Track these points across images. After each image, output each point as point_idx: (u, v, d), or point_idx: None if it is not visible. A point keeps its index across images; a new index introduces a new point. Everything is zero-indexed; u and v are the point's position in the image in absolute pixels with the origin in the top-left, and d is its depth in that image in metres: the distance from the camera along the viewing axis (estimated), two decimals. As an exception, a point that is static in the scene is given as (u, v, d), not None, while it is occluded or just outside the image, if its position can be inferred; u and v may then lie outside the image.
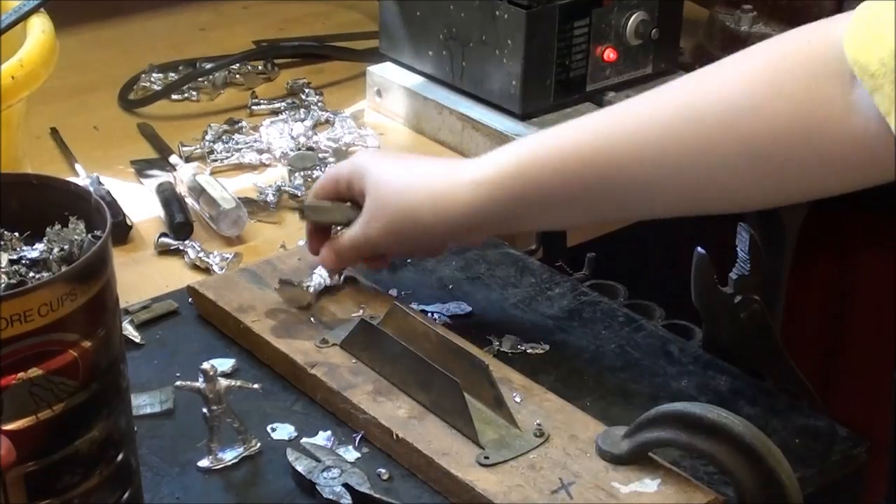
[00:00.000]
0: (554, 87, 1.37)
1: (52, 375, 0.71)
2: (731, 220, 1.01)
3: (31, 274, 0.74)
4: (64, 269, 0.74)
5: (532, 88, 1.36)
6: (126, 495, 0.79)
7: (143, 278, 1.15)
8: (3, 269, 0.73)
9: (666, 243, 1.42)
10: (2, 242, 0.76)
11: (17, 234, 0.77)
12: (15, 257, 0.74)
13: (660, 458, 0.87)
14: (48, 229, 0.77)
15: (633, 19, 1.39)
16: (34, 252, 0.75)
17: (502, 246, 1.17)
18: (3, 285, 0.72)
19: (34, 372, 0.70)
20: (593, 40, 1.38)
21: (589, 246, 1.26)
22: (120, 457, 0.78)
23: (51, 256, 0.75)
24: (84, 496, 0.76)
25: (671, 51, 1.46)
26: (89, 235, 0.76)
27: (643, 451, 0.86)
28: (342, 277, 1.06)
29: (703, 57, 1.54)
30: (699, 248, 1.01)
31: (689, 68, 1.49)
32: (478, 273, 1.13)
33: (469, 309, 1.07)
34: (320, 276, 1.04)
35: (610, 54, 1.40)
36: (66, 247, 0.76)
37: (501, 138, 1.35)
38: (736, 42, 1.51)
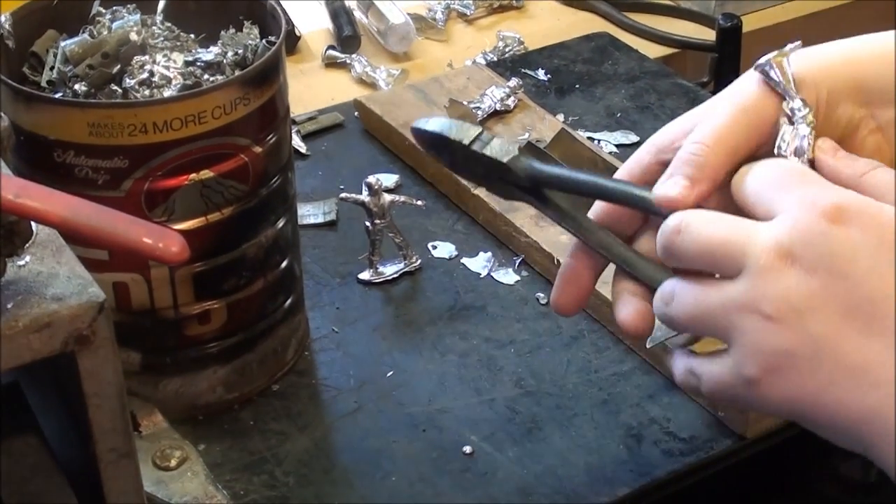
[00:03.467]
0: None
1: (222, 178, 0.72)
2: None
3: (206, 76, 0.74)
4: (237, 73, 0.73)
5: None
6: (288, 301, 0.81)
7: (309, 90, 1.15)
8: (178, 70, 0.73)
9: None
10: (178, 43, 0.76)
11: (192, 35, 0.77)
12: (190, 59, 0.74)
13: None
14: (223, 33, 0.77)
15: None
16: (209, 55, 0.75)
17: (673, 76, 1.14)
18: (178, 86, 0.72)
19: (206, 174, 0.71)
20: None
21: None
22: (284, 263, 0.79)
23: (225, 60, 0.75)
24: (249, 299, 0.77)
25: None
26: (263, 41, 0.76)
27: None
28: (512, 101, 1.04)
29: None
30: None
31: None
32: (647, 103, 1.10)
33: (637, 139, 1.05)
34: (490, 98, 1.03)
35: None
36: (240, 51, 0.76)
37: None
38: None
